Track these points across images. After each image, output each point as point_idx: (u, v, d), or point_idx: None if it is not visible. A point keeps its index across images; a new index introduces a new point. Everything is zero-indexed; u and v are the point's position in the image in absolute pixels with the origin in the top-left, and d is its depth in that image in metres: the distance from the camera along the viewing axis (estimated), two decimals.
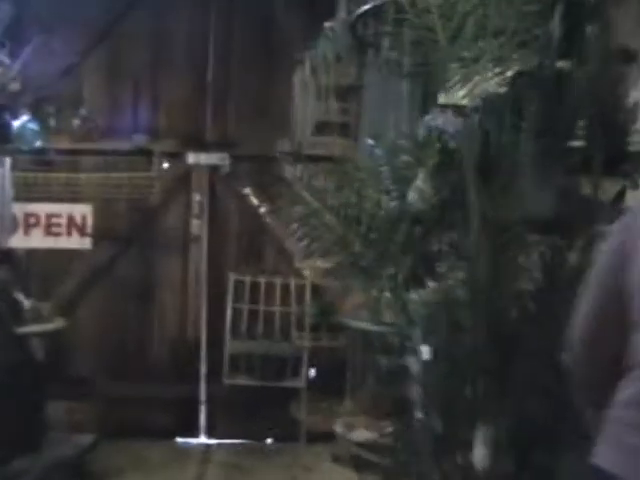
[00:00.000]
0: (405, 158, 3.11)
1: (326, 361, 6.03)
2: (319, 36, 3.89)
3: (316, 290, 6.23)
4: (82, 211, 6.41)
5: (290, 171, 5.26)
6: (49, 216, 6.41)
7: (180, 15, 6.50)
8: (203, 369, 6.27)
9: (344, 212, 3.05)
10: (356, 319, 4.77)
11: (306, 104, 5.12)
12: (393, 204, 3.13)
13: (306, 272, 6.16)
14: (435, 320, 2.98)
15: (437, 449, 2.88)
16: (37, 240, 6.36)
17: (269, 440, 6.37)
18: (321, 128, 5.72)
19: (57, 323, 5.70)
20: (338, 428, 4.81)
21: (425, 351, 2.89)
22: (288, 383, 6.21)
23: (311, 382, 6.08)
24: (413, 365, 2.98)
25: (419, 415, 2.93)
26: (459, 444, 2.87)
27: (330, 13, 3.71)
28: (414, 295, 3.11)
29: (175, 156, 6.45)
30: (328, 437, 5.58)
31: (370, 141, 3.26)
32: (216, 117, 6.49)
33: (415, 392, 2.97)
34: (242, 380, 6.24)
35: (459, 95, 2.99)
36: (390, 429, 3.37)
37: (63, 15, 6.09)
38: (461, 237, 2.99)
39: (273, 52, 6.50)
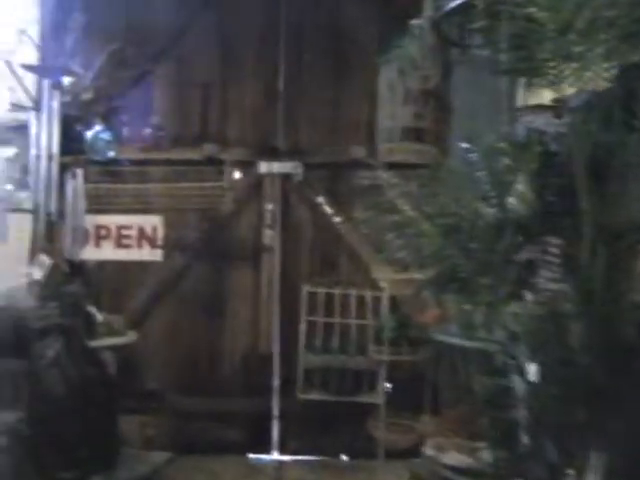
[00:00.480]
0: (505, 162, 2.88)
1: (404, 376, 5.82)
2: (402, 36, 3.68)
3: (393, 302, 6.04)
4: (152, 222, 6.37)
5: (373, 178, 5.03)
6: (120, 228, 6.38)
7: (250, 22, 6.41)
8: (276, 383, 6.11)
9: (442, 220, 2.83)
10: (441, 333, 4.54)
11: (393, 108, 4.90)
12: (492, 211, 2.90)
13: (383, 283, 6.00)
14: (542, 336, 2.74)
15: (547, 478, 2.64)
16: (108, 252, 6.34)
17: (344, 457, 6.17)
18: (406, 134, 5.50)
19: (129, 336, 5.65)
20: (428, 449, 4.57)
21: (533, 371, 2.65)
22: (364, 398, 6.04)
23: (388, 397, 5.86)
24: (518, 385, 2.74)
25: (526, 440, 2.69)
26: (571, 472, 2.62)
27: (405, 15, 3.50)
28: (516, 308, 2.87)
29: (246, 165, 6.36)
30: (405, 454, 5.43)
31: (464, 144, 3.03)
32: (287, 124, 6.36)
33: (521, 415, 2.73)
34: (316, 395, 6.09)
35: (565, 92, 2.76)
36: (487, 453, 3.12)
37: (133, 24, 6.04)
38: (569, 245, 2.75)
39: (345, 57, 6.36)
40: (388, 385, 5.88)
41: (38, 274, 5.19)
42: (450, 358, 4.63)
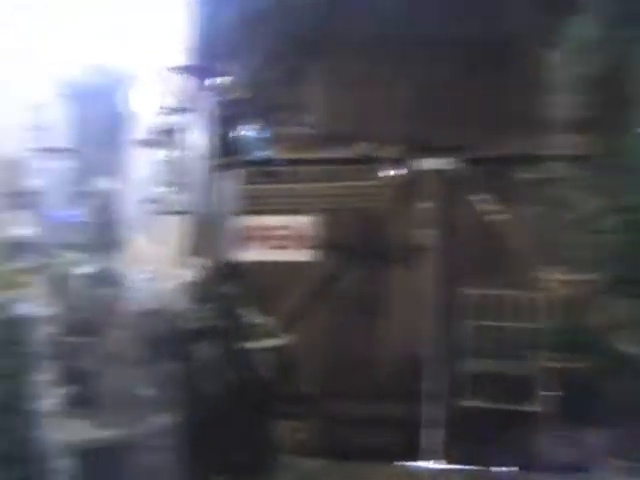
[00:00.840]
0: None
1: (573, 385, 5.43)
2: (573, 15, 3.35)
3: (563, 305, 5.63)
4: (306, 223, 6.31)
5: (539, 172, 4.68)
6: (273, 228, 6.34)
7: (405, 19, 6.15)
8: (433, 389, 5.91)
9: (629, 216, 2.50)
10: (617, 340, 4.13)
11: (562, 98, 4.53)
12: None
13: (550, 285, 5.61)
14: None
15: None
16: (262, 253, 6.28)
17: (505, 467, 5.87)
18: (576, 124, 5.11)
19: (282, 339, 5.60)
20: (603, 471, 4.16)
21: None
22: (529, 407, 5.70)
23: (555, 407, 5.53)
24: None
25: None
26: None
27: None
28: None
29: (400, 162, 6.18)
30: (571, 468, 5.20)
31: None
32: (442, 119, 6.05)
33: None
34: (476, 402, 5.84)
35: None
36: None
37: (287, 21, 5.94)
38: None
39: (504, 46, 5.93)
40: (555, 394, 5.57)
41: (192, 276, 5.16)
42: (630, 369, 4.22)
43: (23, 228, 5.58)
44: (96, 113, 5.45)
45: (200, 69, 5.33)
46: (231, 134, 5.53)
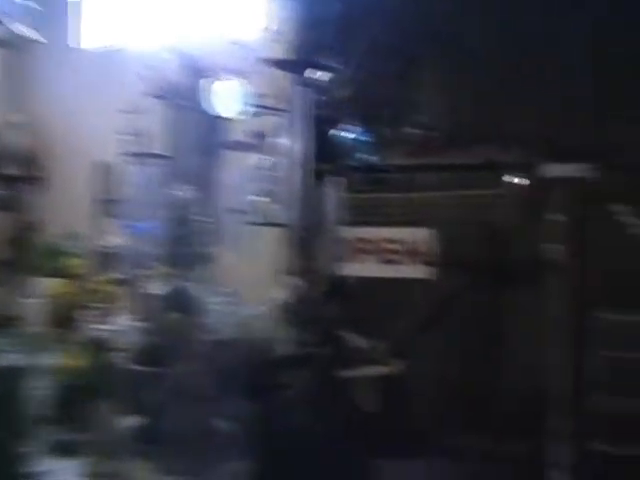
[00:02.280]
0: None
1: None
2: None
3: None
4: (422, 236, 5.83)
5: None
6: (384, 241, 5.87)
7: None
8: (562, 428, 5.28)
9: None
10: None
11: None
12: None
13: None
14: None
15: None
16: (370, 269, 5.82)
17: None
18: None
19: (392, 366, 5.33)
20: None
21: None
22: None
23: None
24: None
25: None
26: None
27: None
28: None
29: (528, 168, 5.60)
30: None
31: None
32: (575, 117, 5.55)
33: None
34: (610, 447, 5.23)
35: None
36: None
37: (394, 10, 5.45)
38: None
39: None
40: None
41: (286, 296, 4.69)
42: None
43: (115, 238, 5.36)
44: (188, 115, 5.14)
45: (299, 62, 4.88)
46: (335, 137, 5.06)
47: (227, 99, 5.10)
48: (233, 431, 4.02)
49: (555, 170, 5.49)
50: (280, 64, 4.93)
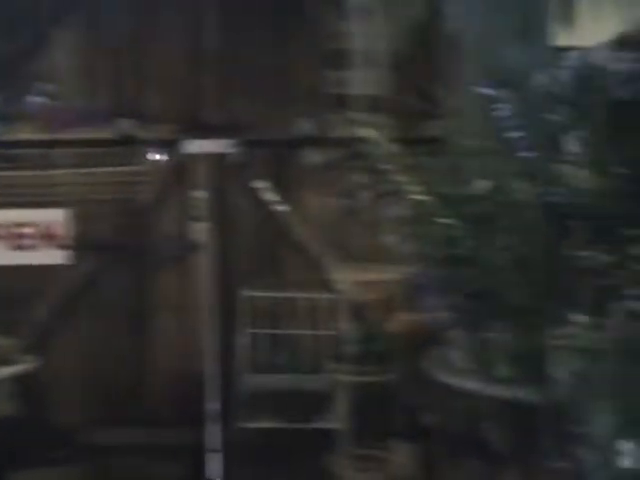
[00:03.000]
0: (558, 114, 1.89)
1: (370, 399, 5.10)
2: None
3: (356, 309, 5.38)
4: (57, 217, 5.70)
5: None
6: (15, 225, 5.70)
7: None
8: (213, 409, 5.48)
9: (466, 207, 1.90)
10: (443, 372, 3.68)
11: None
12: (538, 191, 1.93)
13: (342, 286, 5.34)
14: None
15: None
16: (0, 256, 5.63)
17: None
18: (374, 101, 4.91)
19: (26, 363, 4.99)
20: None
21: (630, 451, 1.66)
22: (320, 425, 5.38)
23: (351, 425, 5.17)
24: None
25: None
26: None
27: None
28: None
29: (168, 144, 5.69)
30: None
31: (486, 91, 2.05)
32: (218, 94, 5.68)
33: None
34: (263, 422, 5.47)
35: None
36: None
37: None
38: None
39: (289, 12, 5.63)
40: (350, 411, 5.19)
41: None
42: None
43: None
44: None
45: None
46: None
47: None
48: None
49: (195, 146, 5.63)
50: None
